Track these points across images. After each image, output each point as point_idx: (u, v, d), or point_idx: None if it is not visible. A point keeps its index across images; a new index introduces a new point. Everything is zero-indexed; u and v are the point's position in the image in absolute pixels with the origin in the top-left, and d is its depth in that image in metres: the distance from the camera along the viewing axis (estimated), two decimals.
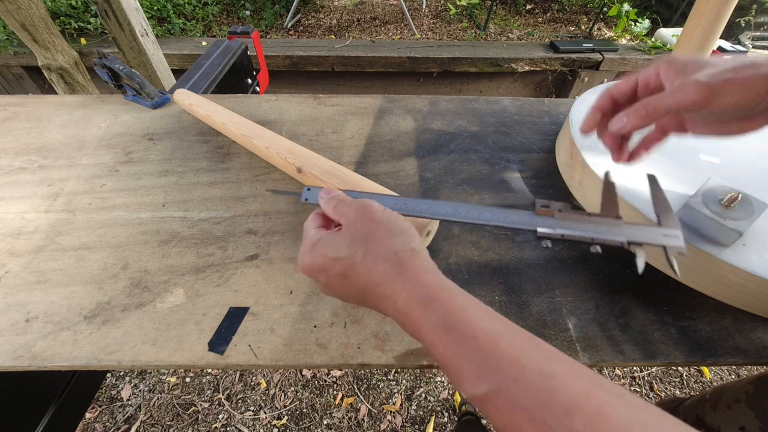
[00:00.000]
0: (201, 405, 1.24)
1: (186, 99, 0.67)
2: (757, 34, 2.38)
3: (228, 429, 1.20)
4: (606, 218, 0.33)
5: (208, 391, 1.28)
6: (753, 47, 2.31)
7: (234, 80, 1.08)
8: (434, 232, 0.37)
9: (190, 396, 1.27)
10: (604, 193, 0.35)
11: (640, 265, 0.31)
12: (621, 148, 0.39)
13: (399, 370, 1.35)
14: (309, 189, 0.36)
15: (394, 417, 1.23)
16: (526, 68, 2.29)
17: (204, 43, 2.29)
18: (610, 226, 0.33)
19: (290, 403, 1.25)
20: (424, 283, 0.24)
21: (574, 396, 0.18)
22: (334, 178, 0.47)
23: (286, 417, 1.22)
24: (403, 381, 1.32)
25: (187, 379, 1.31)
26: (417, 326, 0.23)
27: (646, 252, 0.32)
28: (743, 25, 2.35)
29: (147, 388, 1.29)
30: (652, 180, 0.37)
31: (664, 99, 0.33)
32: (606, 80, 2.27)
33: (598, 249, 0.32)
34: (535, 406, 0.18)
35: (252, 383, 1.30)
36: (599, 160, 0.49)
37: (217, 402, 1.25)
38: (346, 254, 0.27)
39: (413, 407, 1.26)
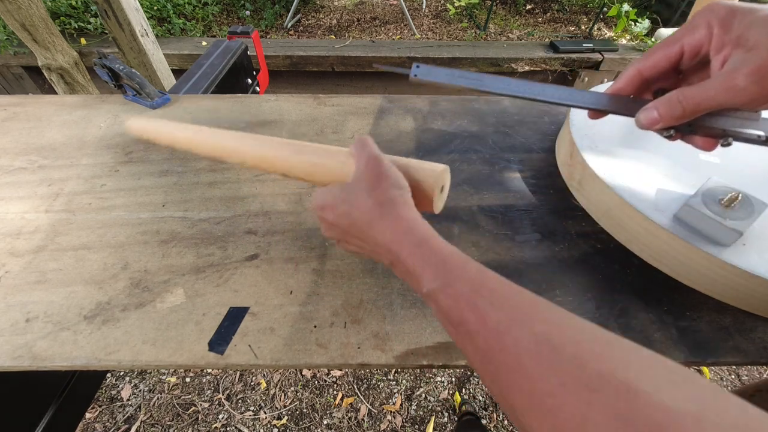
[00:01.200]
0: (201, 405, 1.24)
1: (143, 126, 0.49)
2: None
3: (228, 429, 1.20)
4: (743, 114, 0.28)
5: (208, 391, 1.28)
6: None
7: (234, 80, 1.08)
8: (448, 188, 0.37)
9: (190, 396, 1.27)
10: None
11: None
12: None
13: (399, 370, 1.35)
14: (419, 66, 0.36)
15: (394, 417, 1.23)
16: (526, 68, 2.29)
17: (204, 43, 2.29)
18: (744, 120, 0.28)
19: (290, 403, 1.25)
20: (406, 218, 0.29)
21: (498, 284, 0.24)
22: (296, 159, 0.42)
23: (286, 417, 1.22)
24: (403, 381, 1.32)
25: (187, 379, 1.31)
26: (400, 247, 0.28)
27: None
28: None
29: (147, 388, 1.29)
30: None
31: (708, 95, 0.27)
32: (606, 80, 2.27)
33: (730, 141, 0.29)
34: (470, 291, 0.24)
35: (252, 383, 1.30)
36: (599, 160, 0.49)
37: (217, 402, 1.25)
38: (355, 194, 0.31)
39: (413, 407, 1.26)
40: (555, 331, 0.20)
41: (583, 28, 2.77)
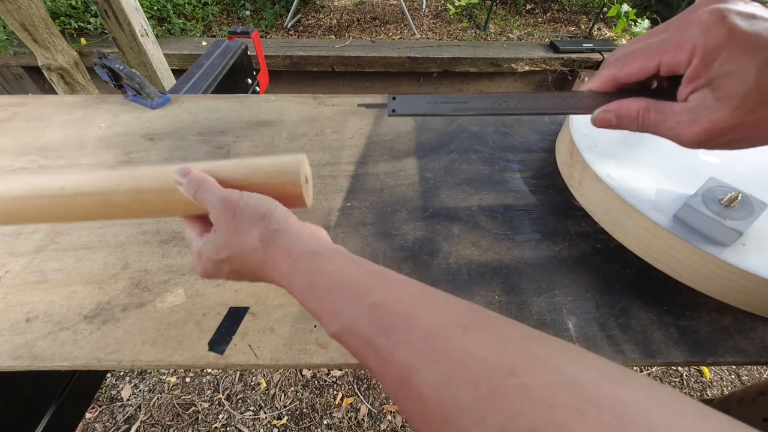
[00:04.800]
0: (201, 405, 1.24)
1: None
2: None
3: (228, 429, 1.20)
4: None
5: (208, 391, 1.28)
6: None
7: (234, 80, 1.08)
8: (311, 177, 0.34)
9: (190, 396, 1.27)
10: None
11: None
12: None
13: None
14: (395, 98, 0.33)
15: (395, 417, 1.23)
16: (526, 68, 2.29)
17: (204, 43, 2.29)
18: None
19: (290, 403, 1.25)
20: (286, 256, 0.27)
21: (394, 318, 0.21)
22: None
23: (286, 417, 1.22)
24: None
25: (187, 379, 1.31)
26: (295, 293, 0.27)
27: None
28: None
29: (147, 388, 1.29)
30: None
31: (664, 123, 0.27)
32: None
33: None
34: (368, 333, 0.21)
35: (252, 383, 1.30)
36: (599, 160, 0.49)
37: (217, 402, 1.25)
38: (226, 255, 0.29)
39: None
40: (459, 373, 0.18)
41: (583, 28, 2.78)
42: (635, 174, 0.48)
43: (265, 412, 1.23)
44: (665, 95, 0.28)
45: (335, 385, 1.30)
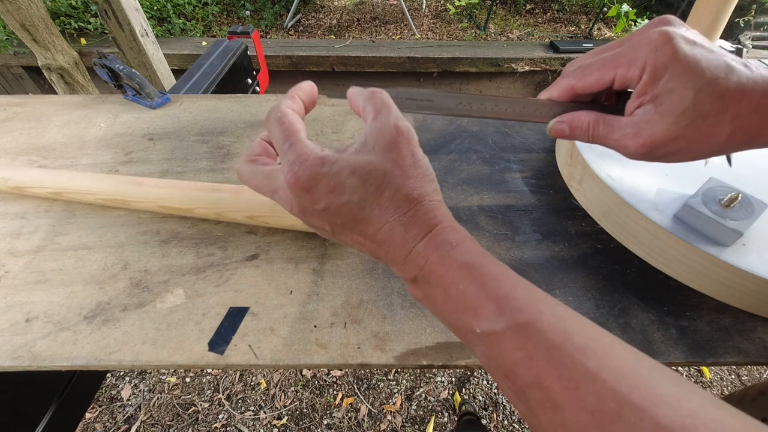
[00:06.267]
0: (201, 405, 1.24)
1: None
2: (757, 34, 2.38)
3: (228, 429, 1.20)
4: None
5: (208, 391, 1.28)
6: (753, 47, 2.32)
7: (234, 80, 1.08)
8: None
9: (190, 396, 1.27)
10: None
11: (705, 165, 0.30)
12: None
13: (399, 370, 1.35)
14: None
15: (394, 417, 1.23)
16: (526, 68, 2.29)
17: (204, 43, 2.29)
18: None
19: (290, 403, 1.25)
20: (449, 227, 0.24)
21: (586, 339, 0.19)
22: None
23: (286, 417, 1.22)
24: (403, 381, 1.32)
25: (187, 379, 1.31)
26: (437, 264, 0.23)
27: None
28: (743, 25, 2.35)
29: (147, 388, 1.29)
30: None
31: (612, 136, 0.29)
32: None
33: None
34: (551, 344, 0.19)
35: (252, 383, 1.30)
36: (599, 160, 0.49)
37: (217, 402, 1.25)
38: (367, 179, 0.23)
39: (413, 407, 1.26)
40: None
41: (583, 28, 2.78)
42: (635, 174, 0.48)
43: (265, 412, 1.23)
44: (612, 111, 0.30)
45: (335, 385, 1.30)
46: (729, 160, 0.33)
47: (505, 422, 1.23)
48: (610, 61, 0.28)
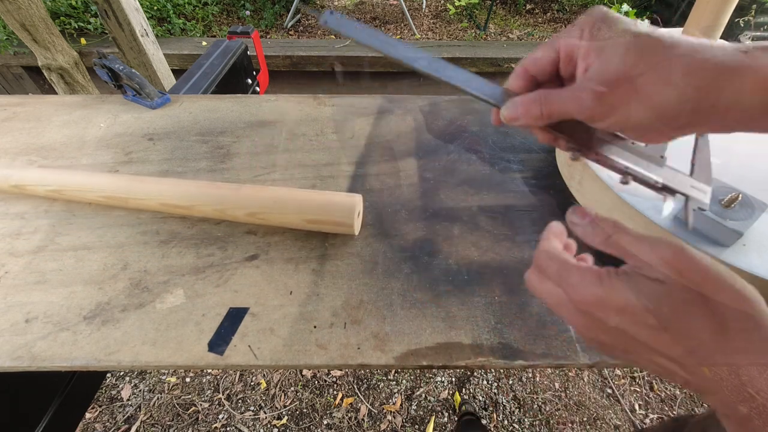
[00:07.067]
0: (201, 405, 1.24)
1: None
2: (757, 34, 2.38)
3: (228, 429, 1.20)
4: (647, 152, 0.29)
5: (208, 391, 1.28)
6: None
7: (234, 80, 1.08)
8: (362, 212, 0.36)
9: (190, 396, 1.27)
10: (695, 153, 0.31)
11: (665, 212, 0.30)
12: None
13: (399, 370, 1.35)
14: (332, 13, 0.31)
15: (394, 417, 1.23)
16: None
17: (204, 43, 2.29)
18: (649, 163, 0.28)
19: (290, 403, 1.25)
20: None
21: None
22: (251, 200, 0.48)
23: (286, 417, 1.22)
24: (403, 381, 1.32)
25: (187, 379, 1.31)
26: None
27: (674, 202, 0.29)
28: (743, 25, 2.35)
29: (147, 388, 1.29)
30: (704, 140, 0.34)
31: (561, 101, 0.27)
32: None
33: (629, 180, 0.29)
34: None
35: (252, 383, 1.30)
36: None
37: (217, 402, 1.25)
38: (684, 307, 0.22)
39: (413, 407, 1.26)
40: None
41: None
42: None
43: (265, 412, 1.23)
44: None
45: (335, 385, 1.30)
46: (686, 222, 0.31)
47: (505, 422, 1.23)
48: (552, 38, 0.29)
